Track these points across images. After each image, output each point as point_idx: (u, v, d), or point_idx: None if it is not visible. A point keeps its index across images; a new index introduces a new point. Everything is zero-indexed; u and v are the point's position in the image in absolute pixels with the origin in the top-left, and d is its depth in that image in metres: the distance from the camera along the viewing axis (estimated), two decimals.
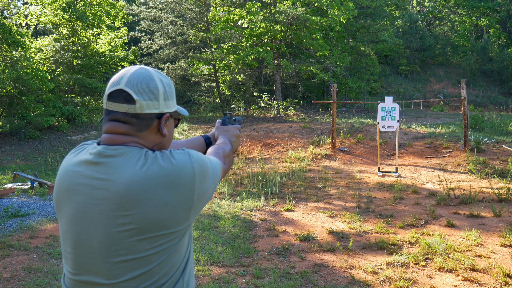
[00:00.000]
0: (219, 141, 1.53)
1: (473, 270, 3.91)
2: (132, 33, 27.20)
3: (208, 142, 1.61)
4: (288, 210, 6.30)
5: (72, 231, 1.12)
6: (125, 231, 1.06)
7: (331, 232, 5.16)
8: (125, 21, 21.95)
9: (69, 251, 1.14)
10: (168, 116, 1.19)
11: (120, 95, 1.12)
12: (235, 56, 19.30)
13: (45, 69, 17.28)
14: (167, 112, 1.18)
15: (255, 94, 22.36)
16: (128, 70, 1.16)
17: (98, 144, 1.16)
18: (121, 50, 19.58)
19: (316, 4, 19.11)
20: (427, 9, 38.33)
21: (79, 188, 1.11)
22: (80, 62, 18.57)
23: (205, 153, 1.55)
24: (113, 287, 1.08)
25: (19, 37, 14.72)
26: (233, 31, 21.02)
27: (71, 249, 1.13)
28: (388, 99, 9.15)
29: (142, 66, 1.19)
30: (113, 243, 1.07)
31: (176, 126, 1.30)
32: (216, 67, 22.75)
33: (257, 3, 19.54)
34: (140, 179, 1.06)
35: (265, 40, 20.03)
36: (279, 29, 19.28)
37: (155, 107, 1.15)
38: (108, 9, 19.71)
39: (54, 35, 19.60)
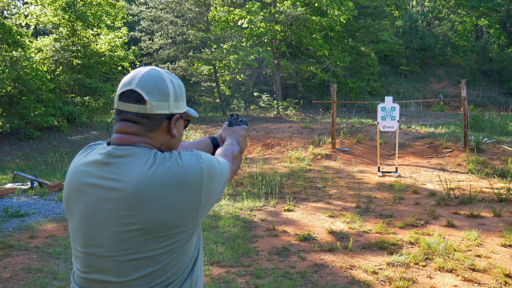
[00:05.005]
0: (226, 142, 1.54)
1: (473, 270, 3.91)
2: (132, 33, 27.21)
3: (215, 143, 1.62)
4: (288, 210, 6.30)
5: (82, 230, 1.14)
6: (134, 231, 1.07)
7: (331, 232, 5.16)
8: (125, 21, 21.95)
9: (79, 250, 1.15)
10: (178, 117, 1.21)
11: (131, 96, 1.14)
12: (235, 56, 19.31)
13: (45, 69, 17.28)
14: (177, 113, 1.20)
15: (255, 94, 22.37)
16: (139, 71, 1.18)
17: (108, 144, 1.18)
18: (121, 50, 19.58)
19: (316, 4, 19.12)
20: (427, 9, 38.32)
21: (89, 188, 1.13)
22: (80, 62, 18.57)
23: (212, 154, 1.56)
24: (123, 285, 1.10)
25: (19, 37, 14.72)
26: (233, 31, 21.03)
27: (81, 247, 1.14)
28: (388, 99, 9.15)
29: (154, 67, 1.21)
30: (122, 242, 1.08)
31: (185, 127, 1.31)
32: (216, 67, 22.75)
33: (257, 3, 19.54)
34: (148, 180, 1.08)
35: (265, 40, 20.03)
36: (279, 29, 19.28)
37: (165, 108, 1.16)
38: (108, 9, 19.71)
39: (54, 35, 19.59)
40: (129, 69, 19.47)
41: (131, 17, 23.70)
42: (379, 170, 9.23)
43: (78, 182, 1.15)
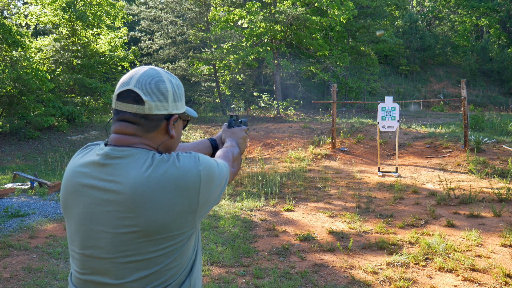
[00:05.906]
0: (226, 144, 1.53)
1: (473, 270, 3.90)
2: (132, 33, 27.20)
3: (215, 145, 1.60)
4: (288, 210, 6.30)
5: (80, 232, 1.13)
6: (132, 233, 1.07)
7: (331, 232, 5.16)
8: (125, 21, 21.94)
9: (76, 251, 1.14)
10: (176, 117, 1.19)
11: (129, 96, 1.13)
12: (235, 56, 19.31)
13: (45, 69, 17.28)
14: (176, 113, 1.19)
15: (255, 94, 22.36)
16: (138, 71, 1.16)
17: (106, 144, 1.16)
18: (121, 50, 19.58)
19: (316, 4, 19.11)
20: (427, 9, 38.31)
21: (87, 189, 1.12)
22: (80, 62, 18.57)
23: (211, 156, 1.55)
24: (121, 287, 1.09)
25: (19, 37, 14.71)
26: (233, 31, 21.02)
27: (79, 249, 1.13)
28: (388, 99, 9.15)
29: (152, 66, 1.19)
30: (120, 244, 1.07)
31: (184, 127, 1.30)
32: (216, 67, 22.75)
33: (257, 3, 19.53)
34: (146, 181, 1.06)
35: (265, 40, 20.02)
36: (279, 29, 19.27)
37: (164, 108, 1.15)
38: (108, 9, 19.71)
39: (54, 35, 19.59)
40: (129, 69, 19.45)
41: (131, 17, 23.70)
42: (379, 170, 9.23)
43: (75, 183, 1.14)
